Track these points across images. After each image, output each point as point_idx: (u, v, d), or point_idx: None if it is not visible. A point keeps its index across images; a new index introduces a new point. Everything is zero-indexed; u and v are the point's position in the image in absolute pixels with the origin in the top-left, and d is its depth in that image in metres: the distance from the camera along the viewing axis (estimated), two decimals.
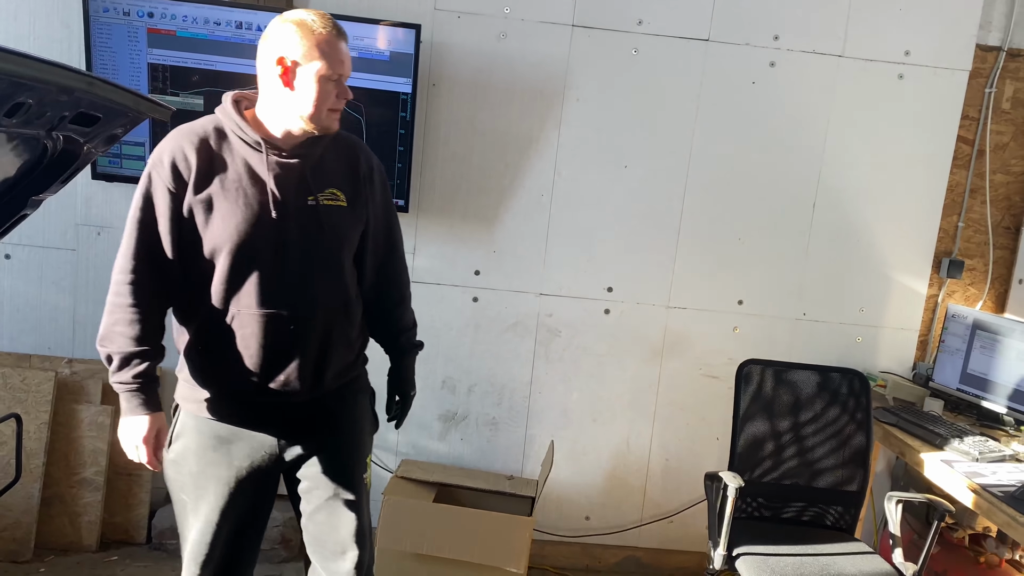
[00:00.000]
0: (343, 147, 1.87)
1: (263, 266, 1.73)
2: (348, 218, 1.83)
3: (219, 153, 1.73)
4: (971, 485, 2.26)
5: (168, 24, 2.65)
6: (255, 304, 1.73)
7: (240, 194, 1.71)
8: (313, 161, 1.79)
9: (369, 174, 1.89)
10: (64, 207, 2.90)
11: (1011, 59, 2.99)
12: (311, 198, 1.76)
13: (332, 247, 1.81)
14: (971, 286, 3.14)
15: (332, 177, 1.82)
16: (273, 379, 1.78)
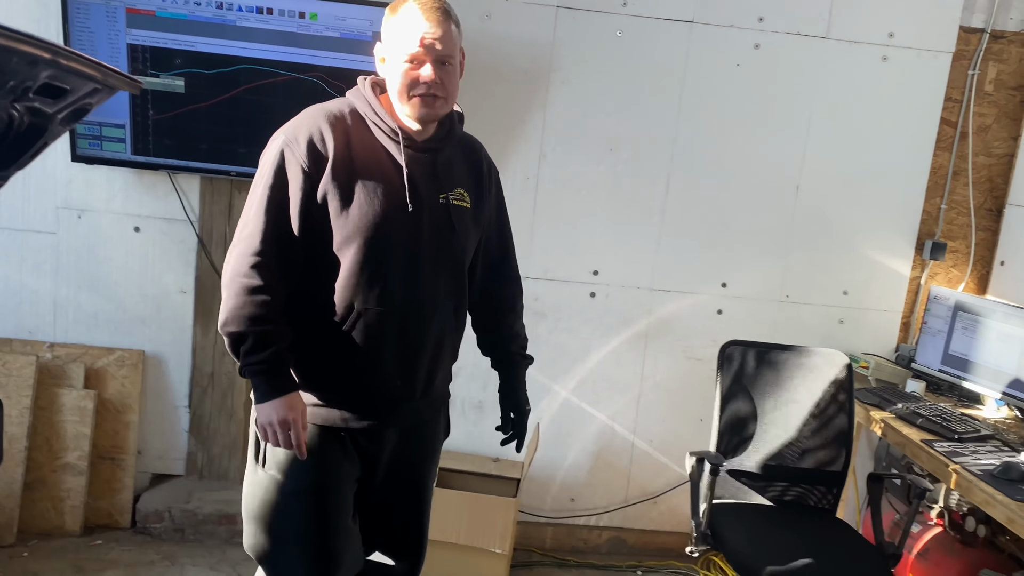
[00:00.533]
0: (468, 148, 1.85)
1: (395, 263, 1.66)
2: (472, 221, 1.79)
3: (357, 137, 1.65)
4: (951, 465, 2.28)
5: (147, 4, 2.62)
6: (384, 302, 1.65)
7: (380, 183, 1.64)
8: (443, 158, 1.75)
9: (489, 176, 1.86)
10: (44, 190, 2.87)
11: (994, 41, 3.00)
12: (442, 196, 1.71)
13: (458, 249, 1.76)
14: (954, 268, 3.16)
15: (459, 177, 1.78)
16: (390, 382, 1.71)
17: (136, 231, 2.92)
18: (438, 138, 1.73)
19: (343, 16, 2.64)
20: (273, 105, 2.71)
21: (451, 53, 1.62)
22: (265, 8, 2.63)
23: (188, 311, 2.97)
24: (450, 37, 1.61)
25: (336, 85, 2.70)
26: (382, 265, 1.65)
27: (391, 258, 1.65)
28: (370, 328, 1.66)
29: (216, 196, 2.89)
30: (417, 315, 1.70)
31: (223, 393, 3.00)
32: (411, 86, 1.60)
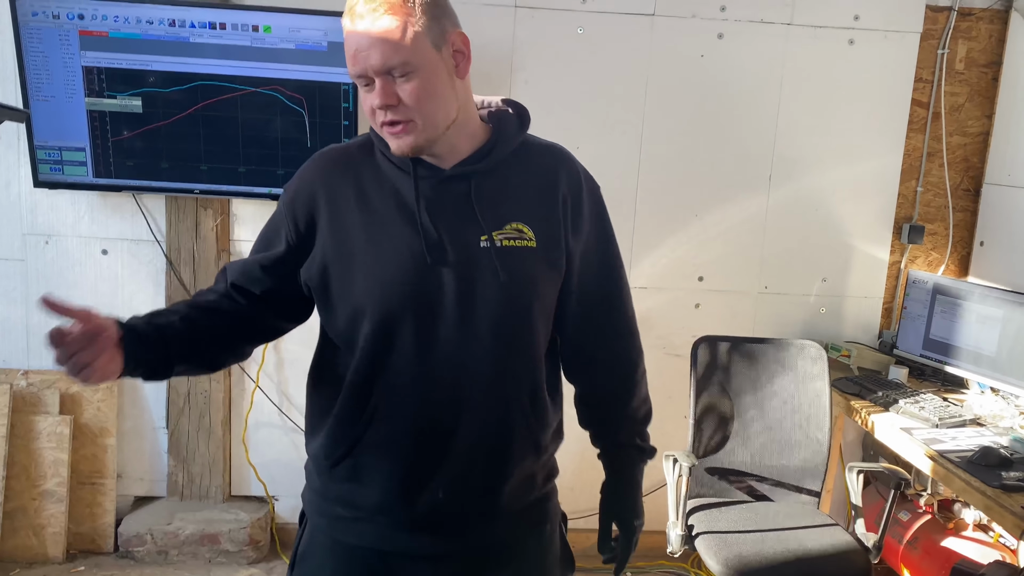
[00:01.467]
0: (535, 162, 1.37)
1: (413, 337, 1.28)
2: (539, 264, 1.32)
3: (367, 178, 1.32)
4: (928, 452, 2.24)
5: (100, 25, 2.59)
6: (401, 390, 1.30)
7: (388, 235, 1.28)
8: (489, 184, 1.32)
9: (575, 199, 1.37)
10: (9, 218, 2.86)
11: (962, 19, 2.95)
12: (484, 237, 1.29)
13: (515, 306, 1.31)
14: (933, 251, 3.11)
15: (516, 205, 1.33)
16: (428, 493, 1.31)
17: (104, 254, 2.90)
18: (476, 159, 1.32)
19: (297, 27, 2.62)
20: (232, 120, 2.69)
21: (402, 59, 1.18)
22: (218, 23, 2.60)
23: None
24: (393, 37, 1.18)
25: (295, 97, 2.68)
26: (396, 344, 1.29)
27: (406, 333, 1.28)
28: (392, 422, 1.31)
29: (182, 215, 2.87)
30: (450, 405, 1.30)
31: (200, 413, 2.98)
32: (372, 116, 1.25)
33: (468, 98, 1.31)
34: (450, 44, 1.23)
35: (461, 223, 1.29)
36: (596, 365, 1.49)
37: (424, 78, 1.20)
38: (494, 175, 1.33)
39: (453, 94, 1.25)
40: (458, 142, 1.30)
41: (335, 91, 2.68)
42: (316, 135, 2.71)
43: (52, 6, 2.57)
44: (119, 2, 2.58)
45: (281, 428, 3.05)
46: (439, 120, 1.24)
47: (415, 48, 1.19)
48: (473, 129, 1.33)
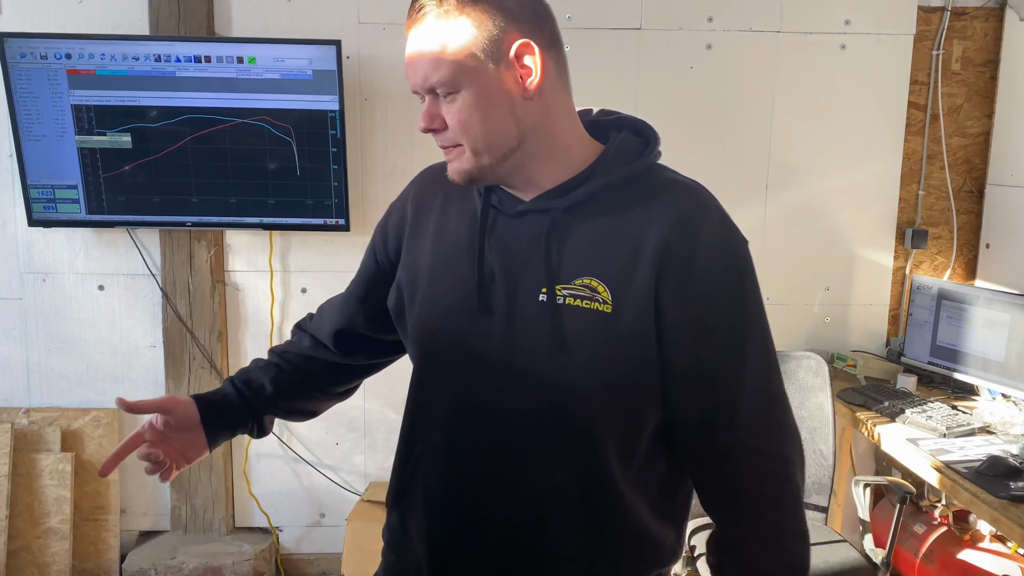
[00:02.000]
0: (642, 203, 1.08)
1: (450, 391, 1.15)
2: (611, 335, 1.05)
3: (447, 203, 1.19)
4: (934, 463, 2.18)
5: (87, 64, 2.61)
6: (434, 452, 1.17)
7: (446, 267, 1.15)
8: (568, 224, 1.09)
9: (685, 254, 1.04)
10: (6, 256, 2.88)
11: (956, 18, 2.90)
12: (543, 289, 1.07)
13: (569, 383, 1.07)
14: (938, 255, 3.04)
15: (596, 255, 1.07)
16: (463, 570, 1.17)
17: (100, 289, 2.91)
18: (558, 192, 1.10)
19: (281, 57, 2.62)
20: (221, 152, 2.69)
21: (442, 77, 1.01)
22: (203, 56, 2.61)
23: (159, 365, 2.95)
24: (434, 49, 1.01)
25: (282, 126, 2.68)
26: (433, 396, 1.17)
27: (443, 384, 1.15)
28: (428, 484, 1.17)
29: (176, 248, 2.87)
30: (483, 484, 1.13)
31: None
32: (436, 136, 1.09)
33: (551, 120, 1.08)
34: (513, 58, 1.03)
35: (524, 268, 1.08)
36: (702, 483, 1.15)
37: (471, 99, 1.02)
38: (579, 214, 1.09)
39: (512, 118, 1.04)
40: (538, 171, 1.09)
41: (322, 119, 2.68)
42: (305, 163, 2.70)
43: (40, 47, 2.59)
44: (105, 40, 2.61)
45: (283, 459, 3.03)
46: (490, 147, 1.05)
47: (460, 63, 1.01)
48: (568, 154, 1.10)
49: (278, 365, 1.33)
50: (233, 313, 2.96)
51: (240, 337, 2.97)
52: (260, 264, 2.91)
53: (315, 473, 3.02)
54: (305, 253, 2.92)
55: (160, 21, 2.72)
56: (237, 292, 2.94)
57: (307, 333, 1.37)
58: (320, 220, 2.76)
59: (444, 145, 1.07)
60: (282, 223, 2.77)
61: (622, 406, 1.08)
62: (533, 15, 1.06)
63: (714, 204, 1.10)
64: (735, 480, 1.10)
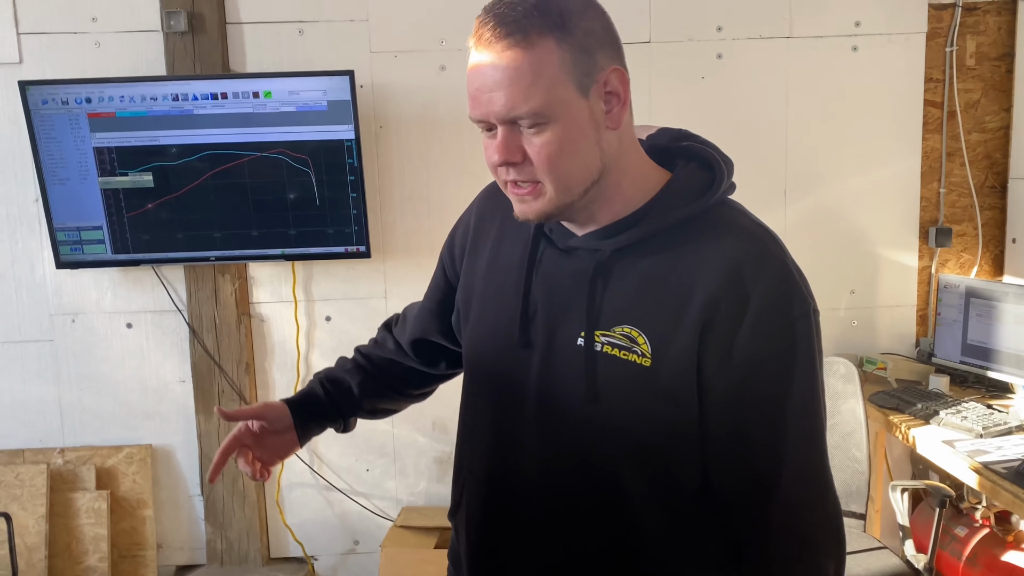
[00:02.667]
0: (696, 248, 1.00)
1: (491, 421, 1.13)
2: (647, 391, 0.99)
3: (505, 224, 1.14)
4: (973, 464, 2.14)
5: (107, 107, 2.66)
6: (478, 474, 1.16)
7: (496, 293, 1.12)
8: (618, 264, 1.03)
9: (732, 309, 0.97)
10: (36, 300, 2.92)
11: (968, 14, 2.88)
12: (581, 335, 1.02)
13: (601, 436, 1.02)
14: (964, 252, 3.01)
15: (639, 303, 1.01)
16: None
17: (129, 327, 2.95)
18: (613, 230, 1.03)
19: (296, 90, 2.66)
20: (241, 186, 2.73)
21: (532, 107, 0.93)
22: (219, 94, 2.65)
23: (189, 399, 2.97)
24: (524, 77, 0.92)
25: (300, 158, 2.71)
26: (476, 423, 1.17)
27: (485, 412, 1.15)
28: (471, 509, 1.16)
29: (201, 283, 2.90)
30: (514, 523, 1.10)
31: (233, 477, 2.99)
32: (494, 171, 1.01)
33: (623, 150, 1.02)
34: (602, 85, 0.96)
35: (566, 306, 1.03)
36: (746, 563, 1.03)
37: (560, 131, 0.95)
38: (631, 254, 1.02)
39: (597, 150, 0.98)
40: (602, 207, 1.03)
41: (339, 148, 2.71)
42: (324, 192, 2.73)
43: (61, 93, 2.65)
44: (123, 83, 2.66)
45: (314, 487, 3.04)
46: (575, 183, 0.98)
47: (552, 92, 0.93)
48: (632, 188, 1.03)
49: (365, 369, 1.36)
50: (259, 344, 2.98)
51: (267, 368, 3.00)
52: (284, 295, 2.94)
53: (347, 501, 3.02)
54: (328, 282, 2.95)
55: (176, 61, 2.77)
56: (262, 323, 2.97)
57: (391, 336, 1.39)
58: (341, 248, 2.78)
59: (522, 180, 0.98)
60: (304, 253, 2.79)
61: (656, 463, 1.02)
62: (615, 39, 1.00)
63: (775, 256, 1.01)
64: (757, 557, 1.02)
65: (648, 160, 1.07)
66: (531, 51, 0.92)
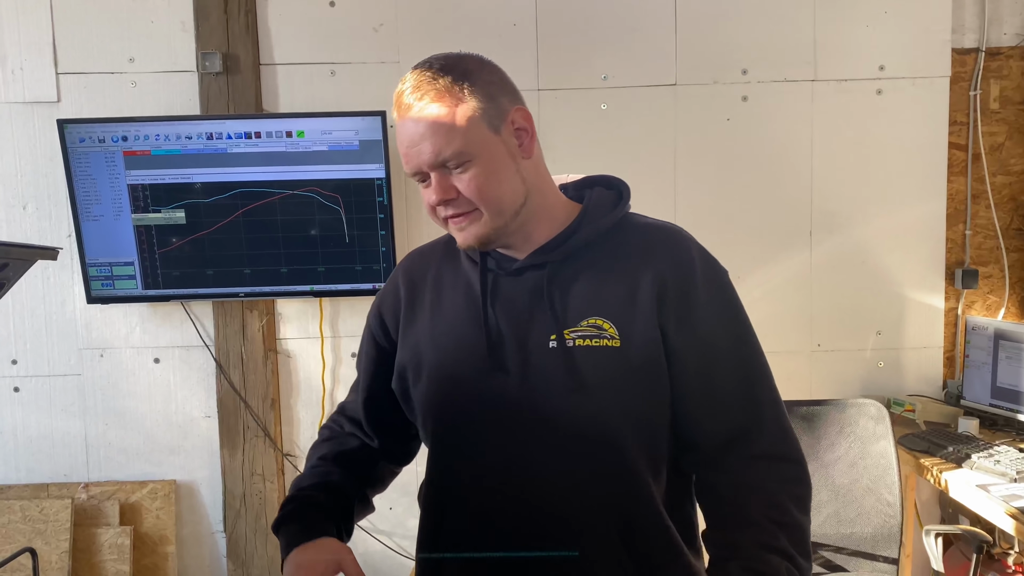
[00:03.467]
0: (630, 245, 1.19)
1: (472, 453, 1.17)
2: (624, 367, 1.12)
3: (440, 280, 1.25)
4: (1009, 510, 2.12)
5: (142, 145, 2.71)
6: (465, 519, 1.19)
7: (451, 337, 1.19)
8: (564, 272, 1.17)
9: (682, 285, 1.15)
10: (66, 334, 2.95)
11: (991, 58, 2.91)
12: (552, 337, 1.13)
13: (593, 419, 1.12)
14: (990, 294, 3.00)
15: (598, 297, 1.15)
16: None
17: (156, 362, 2.96)
18: (553, 245, 1.18)
19: (328, 130, 2.70)
20: (272, 223, 2.76)
21: (455, 149, 1.08)
22: (253, 132, 2.70)
23: (214, 435, 2.98)
24: (444, 126, 1.08)
25: (331, 196, 2.74)
26: (454, 464, 1.20)
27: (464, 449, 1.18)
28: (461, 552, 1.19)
29: (229, 318, 2.92)
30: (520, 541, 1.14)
31: (256, 514, 2.98)
32: (432, 213, 1.15)
33: (541, 178, 1.18)
34: (510, 123, 1.13)
35: (530, 320, 1.14)
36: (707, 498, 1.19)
37: (483, 165, 1.10)
38: (575, 263, 1.17)
39: (519, 177, 1.14)
40: (534, 229, 1.18)
41: (369, 187, 2.74)
42: (353, 230, 2.76)
43: (98, 131, 2.70)
44: (159, 122, 2.71)
45: None
46: (505, 206, 1.13)
47: (469, 134, 1.08)
48: (554, 212, 1.20)
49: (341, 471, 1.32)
50: (285, 381, 2.99)
51: (292, 404, 3.00)
52: (311, 331, 2.96)
53: (370, 539, 3.00)
54: (354, 318, 2.96)
55: (210, 101, 2.82)
56: (289, 360, 2.98)
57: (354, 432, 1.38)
58: (369, 285, 2.80)
59: (459, 212, 1.12)
60: (332, 290, 2.81)
61: (646, 433, 1.14)
62: (511, 86, 1.16)
63: (695, 243, 1.22)
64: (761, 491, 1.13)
65: (558, 189, 1.26)
66: (446, 104, 1.09)
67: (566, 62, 2.87)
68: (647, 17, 2.87)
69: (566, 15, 2.86)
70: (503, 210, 1.13)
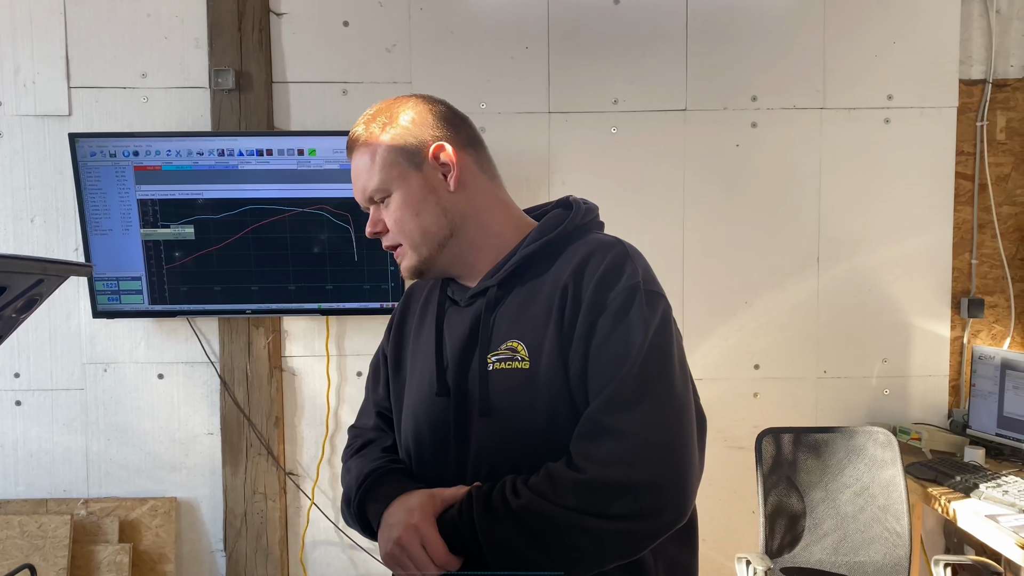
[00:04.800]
0: (559, 263, 1.19)
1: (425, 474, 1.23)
2: (532, 388, 1.12)
3: (426, 307, 1.33)
4: (1019, 541, 2.11)
5: (153, 160, 2.71)
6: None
7: (419, 364, 1.28)
8: (502, 297, 1.20)
9: (576, 289, 1.14)
10: (70, 348, 2.93)
11: (998, 90, 2.94)
12: (477, 361, 1.19)
13: (505, 445, 1.14)
14: (996, 323, 3.01)
15: (518, 320, 1.17)
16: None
17: (160, 378, 2.95)
18: (492, 272, 1.23)
19: (339, 148, 2.70)
20: (281, 240, 2.75)
21: (375, 186, 1.19)
22: (265, 150, 2.70)
23: (216, 453, 2.96)
24: (365, 166, 1.20)
25: (340, 214, 2.74)
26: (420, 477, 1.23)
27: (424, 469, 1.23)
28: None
29: (235, 335, 2.91)
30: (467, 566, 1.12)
31: (257, 533, 2.95)
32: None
33: (478, 208, 1.22)
34: (432, 158, 1.19)
35: (468, 347, 1.20)
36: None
37: (401, 199, 1.19)
38: (509, 286, 1.21)
39: (440, 209, 1.20)
40: (476, 258, 1.23)
41: None
42: (363, 249, 2.76)
43: (109, 146, 2.70)
44: (171, 137, 2.71)
45: (339, 546, 2.99)
46: (425, 239, 1.20)
47: (385, 171, 1.19)
48: (501, 239, 1.24)
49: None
50: (290, 399, 2.97)
51: (296, 423, 2.98)
52: (317, 349, 2.94)
53: (372, 561, 2.97)
54: (361, 337, 2.95)
55: (222, 117, 2.83)
56: (294, 378, 2.97)
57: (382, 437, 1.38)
58: (377, 304, 2.80)
59: (388, 246, 1.24)
60: (340, 308, 2.81)
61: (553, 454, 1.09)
62: (447, 123, 1.23)
63: (620, 249, 1.17)
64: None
65: (519, 215, 1.29)
66: (368, 148, 1.20)
67: (577, 85, 2.89)
68: (659, 42, 2.90)
69: (578, 39, 2.88)
70: (422, 243, 1.21)
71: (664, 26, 2.89)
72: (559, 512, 1.04)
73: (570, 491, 1.04)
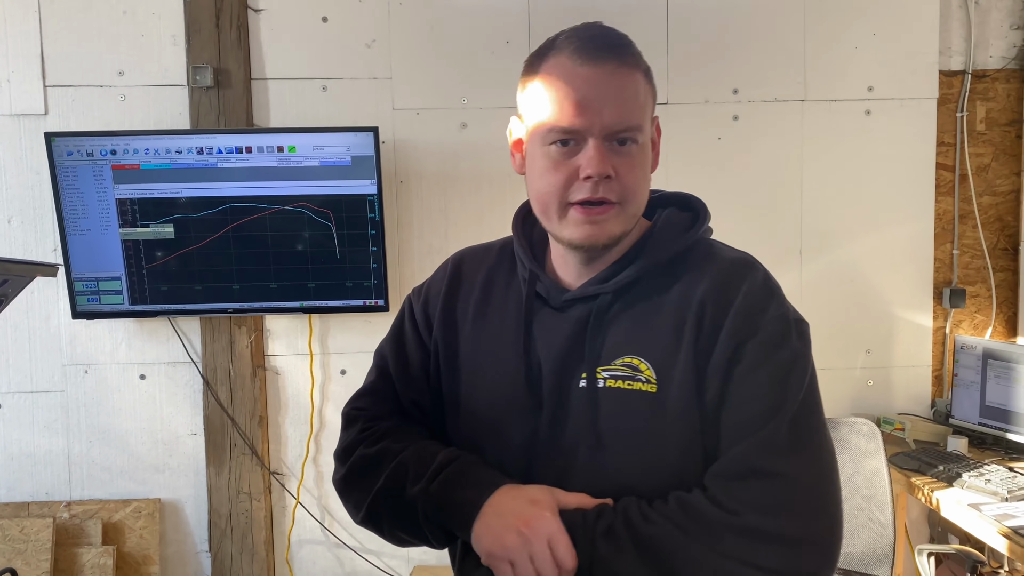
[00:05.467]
0: (685, 276, 1.04)
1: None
2: (660, 416, 0.99)
3: (490, 287, 1.14)
4: (1002, 529, 2.12)
5: (131, 159, 2.68)
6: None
7: (491, 359, 1.10)
8: (614, 305, 1.05)
9: (716, 313, 1.00)
10: (50, 350, 2.90)
11: (977, 80, 2.95)
12: (583, 376, 1.02)
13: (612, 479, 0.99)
14: (977, 313, 3.03)
15: (638, 334, 1.02)
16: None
17: (142, 379, 2.92)
18: (605, 276, 1.05)
19: (320, 145, 2.69)
20: (262, 238, 2.73)
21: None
22: (244, 147, 2.68)
23: (200, 453, 2.93)
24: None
25: (321, 211, 2.73)
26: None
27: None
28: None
29: (217, 334, 2.89)
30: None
31: (242, 533, 2.93)
32: (563, 188, 0.99)
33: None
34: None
35: (568, 355, 1.03)
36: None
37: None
38: (627, 295, 1.04)
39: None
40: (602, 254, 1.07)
41: (360, 202, 2.72)
42: (344, 246, 2.74)
43: (86, 145, 2.67)
44: (149, 136, 2.68)
45: (325, 544, 2.98)
46: (640, 207, 1.04)
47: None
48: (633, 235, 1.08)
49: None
50: (273, 398, 2.96)
51: (280, 422, 2.96)
52: (300, 347, 2.93)
53: (358, 559, 2.96)
54: (344, 335, 2.94)
55: (201, 115, 2.80)
56: (277, 376, 2.95)
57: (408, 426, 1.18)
58: (360, 301, 2.78)
59: (606, 198, 0.98)
60: (322, 306, 2.79)
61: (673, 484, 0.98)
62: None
63: (759, 270, 1.06)
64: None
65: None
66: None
67: None
68: (638, 36, 2.86)
69: None
70: (638, 210, 1.03)
71: (644, 19, 2.89)
72: (706, 554, 0.91)
73: (722, 534, 0.92)
